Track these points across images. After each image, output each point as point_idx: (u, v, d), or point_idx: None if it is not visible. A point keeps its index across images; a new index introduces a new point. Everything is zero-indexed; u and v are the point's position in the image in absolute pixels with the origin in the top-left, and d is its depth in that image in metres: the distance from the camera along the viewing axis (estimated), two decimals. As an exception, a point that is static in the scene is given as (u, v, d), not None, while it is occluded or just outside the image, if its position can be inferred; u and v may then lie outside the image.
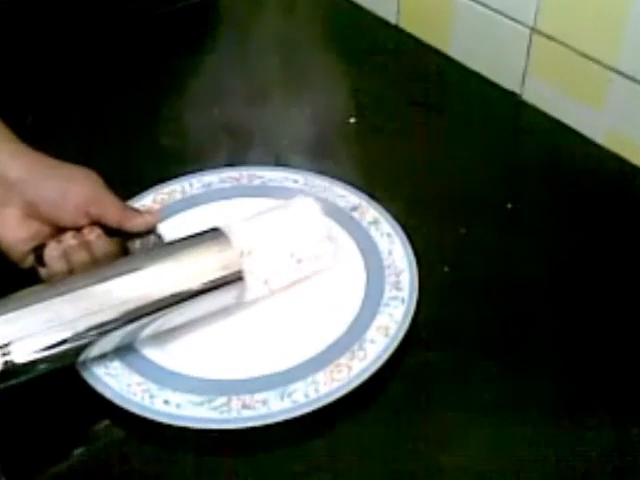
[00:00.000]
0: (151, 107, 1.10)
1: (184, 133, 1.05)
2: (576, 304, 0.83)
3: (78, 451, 0.73)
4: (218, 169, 0.97)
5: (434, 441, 0.72)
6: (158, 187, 0.94)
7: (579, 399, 0.75)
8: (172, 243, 0.80)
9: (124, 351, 0.77)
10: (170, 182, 0.95)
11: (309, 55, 1.21)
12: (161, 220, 0.89)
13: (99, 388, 0.74)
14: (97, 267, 0.77)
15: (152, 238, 0.82)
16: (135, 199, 0.92)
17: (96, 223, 0.80)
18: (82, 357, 0.74)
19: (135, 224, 0.81)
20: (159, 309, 0.75)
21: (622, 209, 0.94)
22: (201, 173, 0.96)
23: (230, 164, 0.97)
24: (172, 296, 0.75)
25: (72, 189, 0.80)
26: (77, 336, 0.71)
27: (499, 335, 0.81)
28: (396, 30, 1.26)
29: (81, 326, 0.71)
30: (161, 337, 0.79)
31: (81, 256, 0.78)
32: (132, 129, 1.06)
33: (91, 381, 0.74)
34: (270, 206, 0.86)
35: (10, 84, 1.09)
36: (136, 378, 0.75)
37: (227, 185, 0.95)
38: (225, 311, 0.80)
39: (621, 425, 0.73)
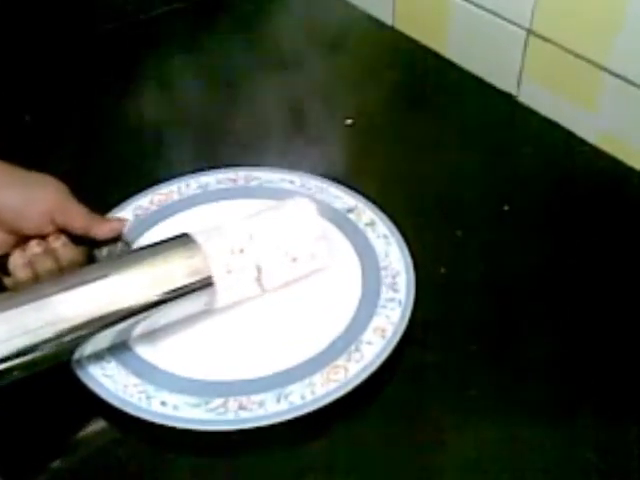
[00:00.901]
0: (146, 108, 1.10)
1: (180, 133, 1.06)
2: (573, 305, 0.83)
3: (74, 452, 0.73)
4: (215, 170, 0.97)
5: (431, 442, 0.73)
6: (155, 188, 0.94)
7: (576, 400, 0.75)
8: (139, 250, 0.80)
9: (120, 352, 0.77)
10: (167, 183, 0.95)
11: (305, 57, 1.21)
12: (158, 221, 0.90)
13: (96, 389, 0.74)
14: (63, 275, 0.76)
15: (119, 245, 0.81)
16: (132, 200, 0.92)
17: (62, 231, 0.79)
18: (77, 355, 0.74)
19: (102, 231, 0.80)
20: (127, 316, 0.74)
21: (617, 210, 0.94)
22: (198, 174, 0.96)
23: (227, 165, 0.97)
24: (140, 303, 0.74)
25: (36, 196, 0.78)
26: (43, 344, 0.70)
27: (496, 337, 0.81)
28: (392, 31, 1.26)
29: (47, 334, 0.70)
30: (158, 338, 0.79)
31: (46, 264, 0.76)
32: (128, 129, 1.07)
33: (88, 382, 0.74)
34: (266, 206, 0.86)
35: (5, 84, 1.09)
36: (133, 379, 0.75)
37: (224, 186, 0.95)
38: (221, 312, 0.80)
39: (619, 426, 0.73)
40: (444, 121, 1.09)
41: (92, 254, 0.80)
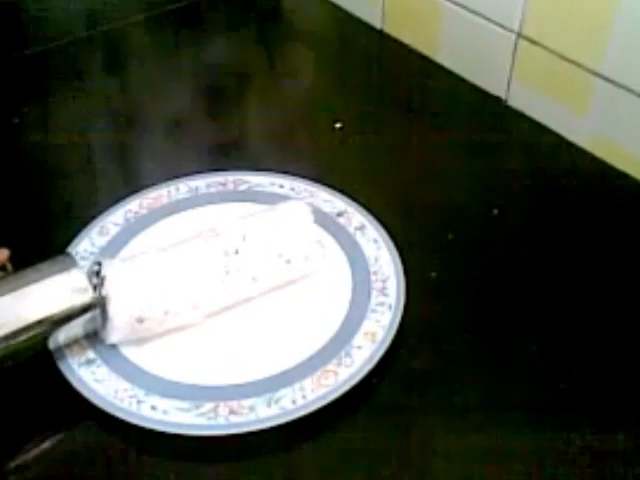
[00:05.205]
0: (137, 110, 1.10)
1: (171, 136, 1.05)
2: (563, 309, 0.84)
3: (63, 456, 0.72)
4: (204, 174, 0.97)
5: (421, 446, 0.72)
6: (144, 192, 0.94)
7: (566, 404, 0.75)
8: (16, 275, 0.76)
9: (111, 357, 0.77)
10: (156, 187, 0.95)
11: (294, 60, 1.21)
12: (148, 225, 0.90)
13: (86, 393, 0.74)
14: None
15: None
16: (122, 204, 0.92)
17: None
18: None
19: None
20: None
21: (607, 214, 0.94)
22: (187, 178, 0.96)
23: (216, 169, 0.97)
24: (16, 330, 0.71)
25: None
26: None
27: (486, 340, 0.81)
28: (381, 35, 1.26)
29: None
30: (148, 343, 0.78)
31: None
32: (118, 133, 1.06)
33: (78, 386, 0.74)
34: (258, 210, 0.86)
35: None
36: (123, 384, 0.75)
37: (213, 190, 0.95)
38: (212, 317, 0.80)
39: (609, 430, 0.73)
40: (434, 125, 1.09)
41: None
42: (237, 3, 1.34)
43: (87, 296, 0.74)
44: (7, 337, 0.71)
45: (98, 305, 0.75)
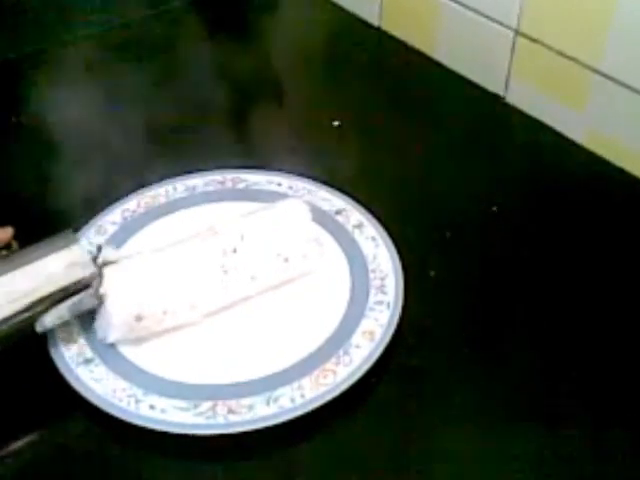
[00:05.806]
0: (136, 109, 1.10)
1: (167, 135, 1.05)
2: (562, 307, 0.83)
3: (61, 455, 0.72)
4: (202, 172, 0.96)
5: (420, 445, 0.72)
6: (142, 191, 0.94)
7: (565, 404, 0.75)
8: (18, 252, 0.77)
9: (109, 355, 0.77)
10: (154, 186, 0.95)
11: (291, 58, 1.21)
12: (145, 224, 0.90)
13: (84, 392, 0.73)
14: None
15: (2, 253, 0.78)
16: (119, 203, 0.92)
17: None
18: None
19: None
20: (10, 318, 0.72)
21: (606, 211, 0.94)
22: (185, 177, 0.96)
23: (214, 167, 0.97)
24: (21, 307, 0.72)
25: None
26: None
27: (485, 339, 0.81)
28: (379, 32, 1.26)
29: None
30: (146, 341, 0.78)
31: None
32: (116, 132, 1.06)
33: (76, 385, 0.74)
34: (256, 209, 0.86)
35: None
36: (121, 383, 0.75)
37: (211, 188, 0.95)
38: (210, 316, 0.80)
39: (607, 430, 0.73)
40: (432, 122, 1.08)
41: None
42: (235, 1, 1.34)
43: (87, 271, 0.74)
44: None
45: (96, 284, 0.75)
